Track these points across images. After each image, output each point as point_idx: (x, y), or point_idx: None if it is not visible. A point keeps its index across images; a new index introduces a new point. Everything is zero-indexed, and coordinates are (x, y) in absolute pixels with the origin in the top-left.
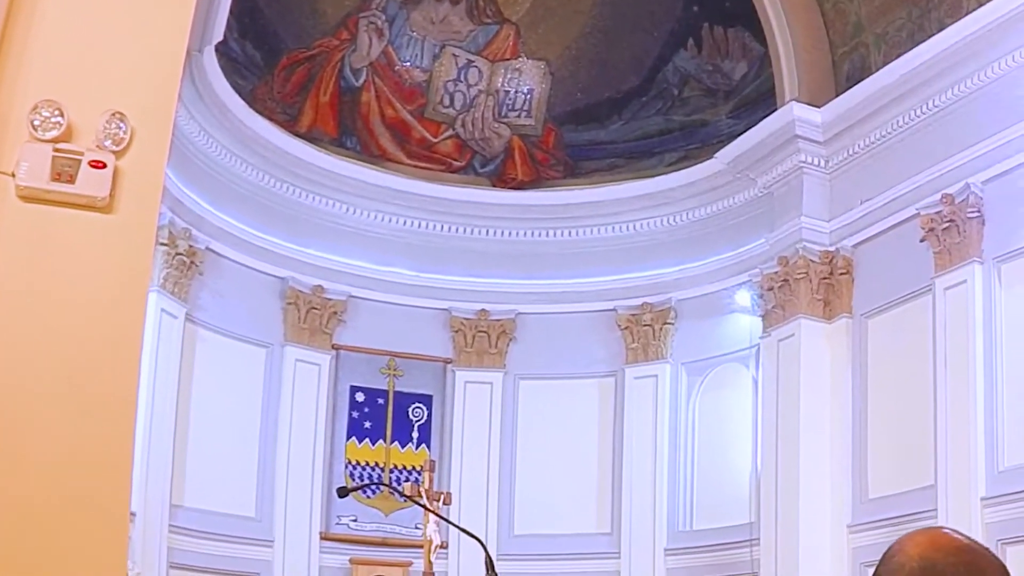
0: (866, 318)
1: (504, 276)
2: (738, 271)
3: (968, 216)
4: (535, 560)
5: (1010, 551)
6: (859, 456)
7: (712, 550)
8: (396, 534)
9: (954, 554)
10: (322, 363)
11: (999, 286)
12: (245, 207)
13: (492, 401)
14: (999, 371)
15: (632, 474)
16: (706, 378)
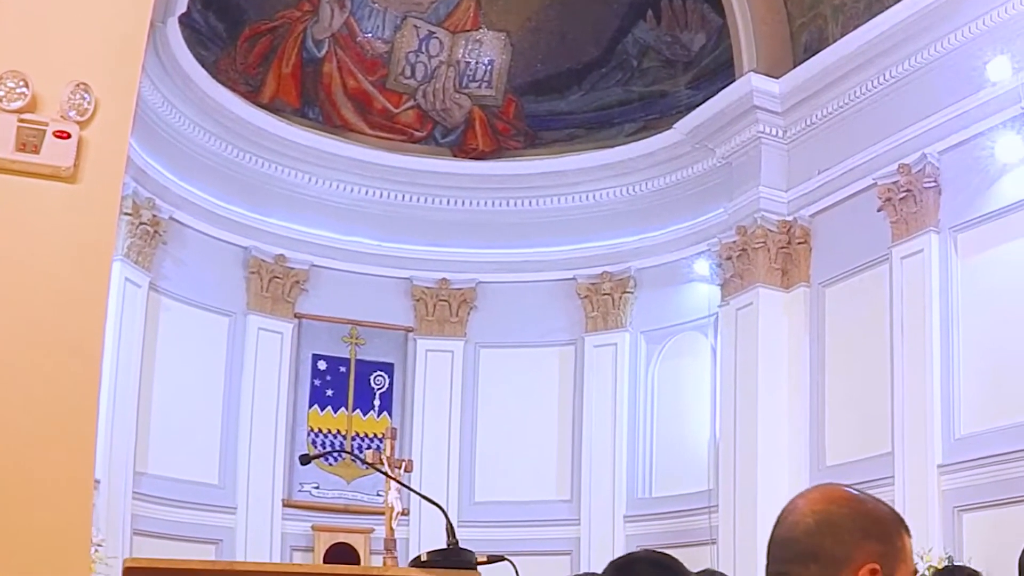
0: (823, 287)
1: (465, 245)
2: (697, 240)
3: (925, 186)
4: (496, 527)
5: (966, 518)
6: (816, 423)
7: (671, 517)
8: (358, 501)
9: (847, 504)
10: (284, 331)
11: (955, 255)
12: (208, 177)
13: (453, 369)
14: (956, 339)
15: (592, 442)
16: (665, 346)
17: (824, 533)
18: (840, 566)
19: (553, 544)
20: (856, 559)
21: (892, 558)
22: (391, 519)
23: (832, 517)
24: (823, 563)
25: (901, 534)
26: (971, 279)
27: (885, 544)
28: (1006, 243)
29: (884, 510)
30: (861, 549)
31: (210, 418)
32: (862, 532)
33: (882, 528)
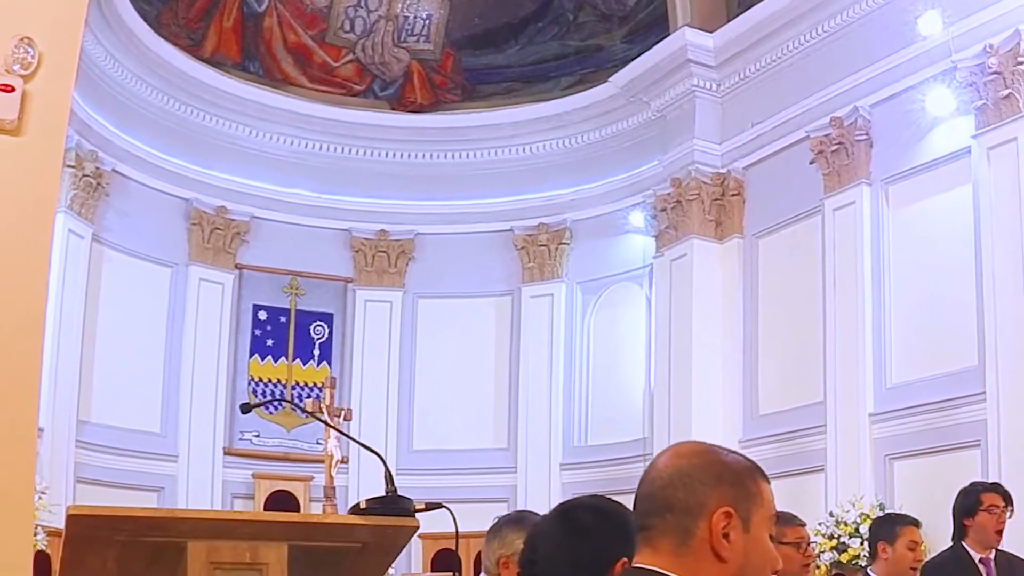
0: (757, 238)
1: (403, 197)
2: (632, 192)
3: (856, 139)
4: (433, 474)
5: (897, 465)
6: (750, 373)
7: (606, 465)
8: (298, 449)
9: (699, 456)
10: (225, 282)
11: (886, 207)
12: (150, 130)
13: (391, 319)
14: (887, 290)
15: (528, 391)
16: (600, 297)
17: (677, 485)
18: (694, 513)
19: (490, 492)
20: (709, 505)
21: (747, 501)
22: (330, 467)
23: (684, 468)
24: (678, 512)
25: (757, 480)
26: (902, 231)
27: (738, 488)
28: (936, 195)
29: (739, 459)
30: (713, 495)
31: (152, 367)
32: (714, 479)
33: (734, 474)
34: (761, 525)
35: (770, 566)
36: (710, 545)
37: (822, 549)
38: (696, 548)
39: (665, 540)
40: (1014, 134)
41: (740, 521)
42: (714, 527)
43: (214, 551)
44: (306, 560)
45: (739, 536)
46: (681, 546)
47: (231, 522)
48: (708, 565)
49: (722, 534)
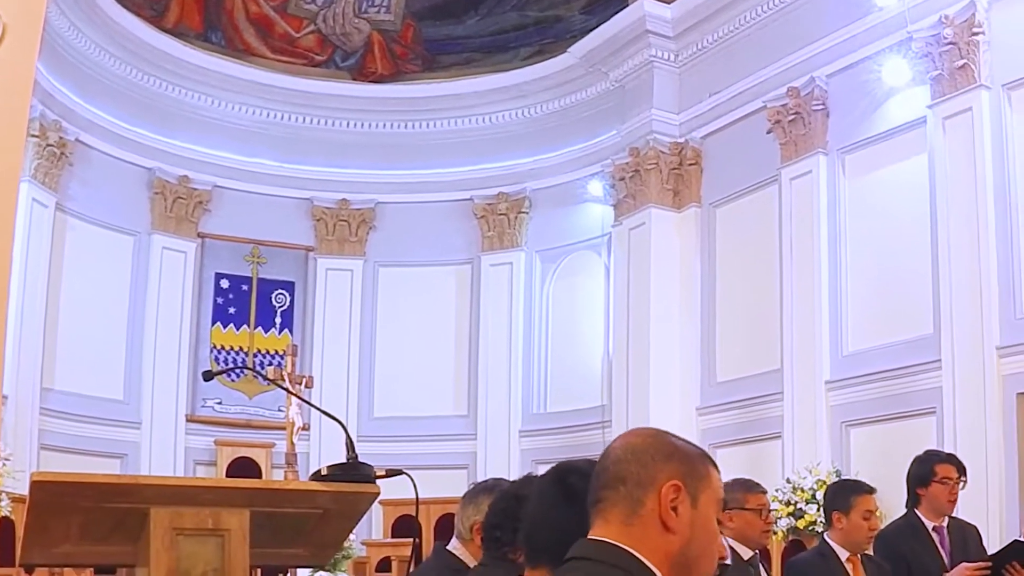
0: (714, 207)
1: (364, 167)
2: (590, 162)
3: (813, 108)
4: (394, 441)
5: (853, 432)
6: (707, 340)
7: (565, 432)
8: (260, 416)
9: (653, 436)
10: (188, 251)
11: (843, 176)
12: (114, 100)
13: (352, 288)
14: (843, 258)
15: (488, 358)
16: (559, 265)
17: (629, 460)
18: (645, 486)
19: (450, 458)
20: (659, 479)
21: (696, 480)
22: (292, 434)
23: (638, 445)
24: (630, 485)
25: (707, 464)
26: (858, 200)
27: (687, 467)
28: (892, 164)
29: (690, 444)
30: (664, 470)
31: (115, 335)
32: (664, 456)
33: (685, 454)
34: (709, 505)
35: (716, 550)
36: (658, 516)
37: (779, 515)
38: (645, 519)
39: (615, 511)
40: (969, 104)
41: (688, 496)
42: (663, 499)
43: (177, 517)
44: (268, 526)
45: (687, 510)
46: (631, 516)
47: (193, 488)
48: (656, 536)
49: (670, 507)
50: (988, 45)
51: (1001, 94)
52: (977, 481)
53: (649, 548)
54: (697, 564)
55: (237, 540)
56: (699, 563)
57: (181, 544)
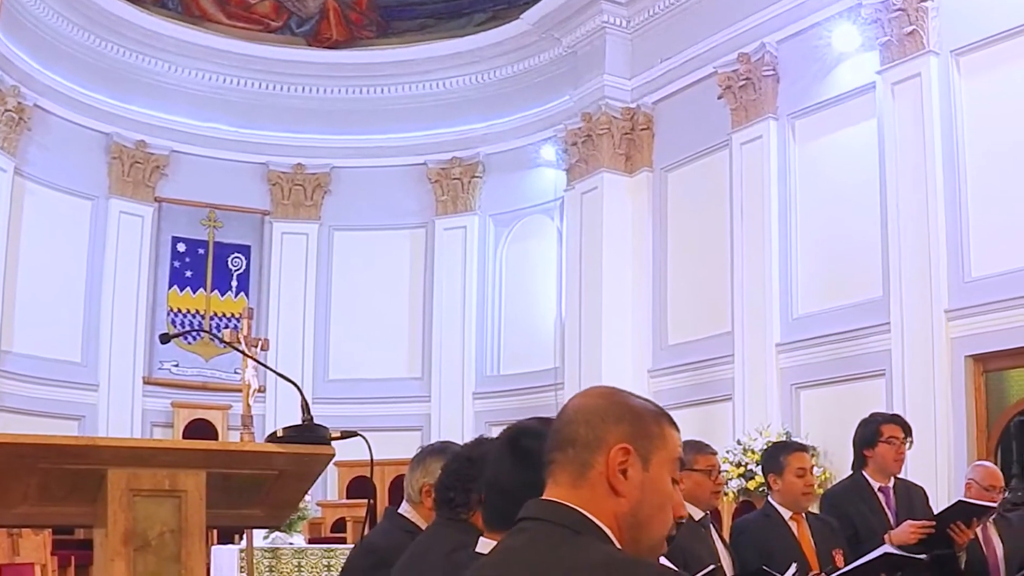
0: (666, 172)
1: (319, 132)
2: (543, 127)
3: (763, 74)
4: (349, 403)
5: (803, 395)
6: (659, 304)
7: (518, 394)
8: (216, 379)
9: (606, 397)
10: (145, 215)
11: (793, 141)
12: (72, 65)
13: (308, 251)
14: (793, 223)
15: (442, 321)
16: (512, 229)
17: (580, 421)
18: (593, 448)
19: (404, 420)
20: (608, 441)
21: (647, 441)
22: (248, 396)
23: (589, 407)
24: (579, 447)
25: (661, 423)
26: (808, 164)
27: (639, 428)
28: (841, 130)
29: (646, 403)
30: (612, 432)
31: (73, 298)
32: (614, 418)
33: (637, 415)
34: (662, 466)
35: (672, 509)
36: (607, 479)
37: (730, 477)
38: (593, 481)
39: (565, 473)
40: (917, 70)
41: (639, 459)
42: (611, 462)
43: (134, 478)
44: (224, 487)
45: (637, 473)
46: (579, 478)
47: (150, 450)
48: (604, 498)
49: (619, 469)
50: (937, 11)
51: (949, 60)
52: (925, 443)
53: (598, 509)
54: (649, 525)
55: (194, 501)
56: (651, 524)
57: (138, 505)
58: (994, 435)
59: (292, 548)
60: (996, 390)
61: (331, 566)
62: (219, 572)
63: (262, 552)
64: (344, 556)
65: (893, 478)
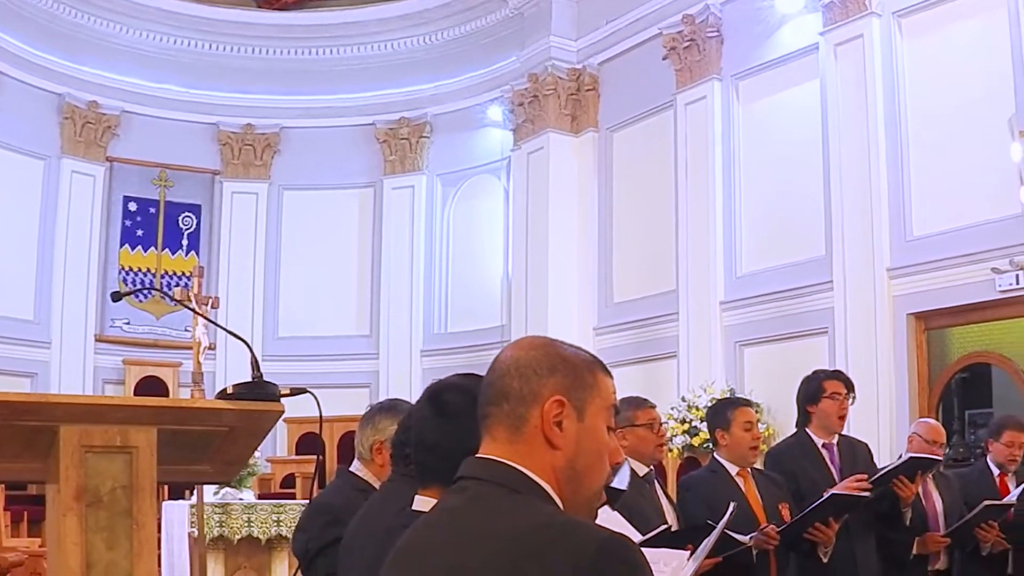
0: (611, 132)
1: (269, 92)
2: (490, 87)
3: (707, 35)
4: (298, 360)
5: (747, 352)
6: (605, 262)
7: (466, 351)
8: (167, 336)
9: (538, 348)
10: (97, 174)
11: (737, 102)
12: (24, 27)
13: (258, 210)
14: (737, 182)
15: (390, 279)
16: (460, 189)
17: (513, 374)
18: (527, 401)
19: (353, 377)
20: (542, 394)
21: (582, 392)
22: (198, 353)
23: (522, 359)
24: (513, 401)
25: (595, 372)
26: (752, 125)
27: (573, 379)
28: (785, 90)
29: (579, 352)
30: (547, 384)
31: (25, 257)
32: (548, 370)
33: (571, 366)
34: (597, 416)
35: (609, 456)
36: (542, 432)
37: (675, 433)
38: (529, 435)
39: (501, 428)
40: (860, 31)
41: (574, 410)
42: (546, 415)
43: (86, 435)
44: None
45: (572, 425)
46: (515, 433)
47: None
48: (541, 452)
49: (554, 422)
50: None
51: (891, 21)
52: (868, 400)
53: (535, 464)
54: (587, 475)
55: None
56: (588, 475)
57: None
58: (936, 392)
59: (242, 504)
60: (937, 348)
61: (280, 521)
62: (170, 527)
63: (212, 507)
64: (293, 511)
65: (837, 435)
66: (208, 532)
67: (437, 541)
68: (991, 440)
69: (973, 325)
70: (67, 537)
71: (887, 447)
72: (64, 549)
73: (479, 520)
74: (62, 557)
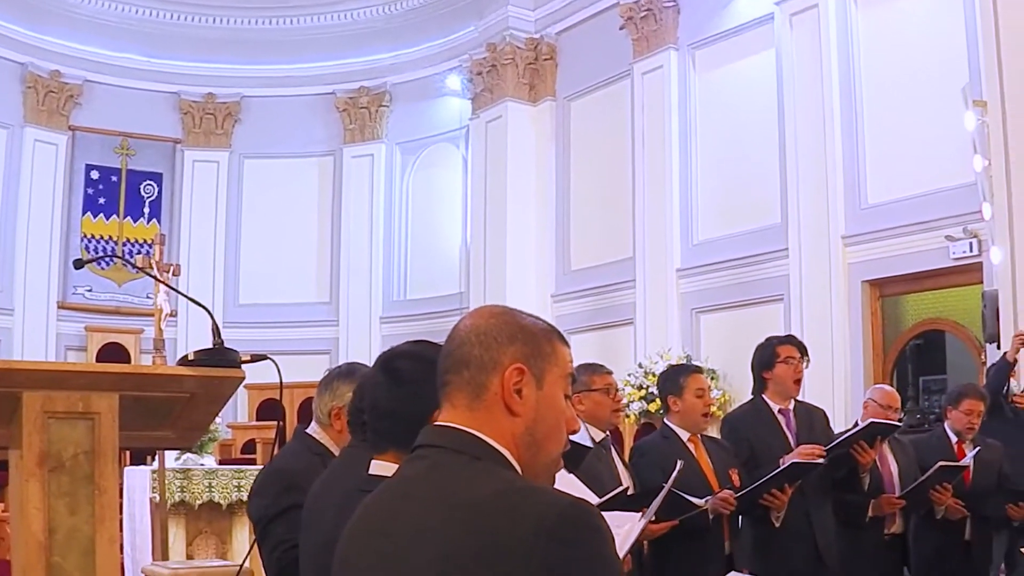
0: (569, 101)
1: (230, 62)
2: (449, 57)
3: (664, 5)
4: (259, 327)
5: (703, 319)
6: (562, 230)
7: (424, 318)
8: (129, 303)
9: (497, 317)
10: (59, 143)
11: (693, 71)
12: None
13: (219, 179)
14: (693, 151)
15: (350, 247)
16: (419, 157)
17: (473, 343)
18: (488, 369)
19: (313, 344)
20: (502, 362)
21: (541, 360)
22: (160, 320)
23: (482, 327)
24: (473, 368)
25: (553, 340)
26: (708, 94)
27: (532, 347)
28: (741, 60)
29: (537, 321)
30: (507, 352)
31: None
32: (508, 338)
33: (530, 334)
34: (555, 383)
35: (566, 424)
36: (502, 400)
37: (631, 399)
38: (489, 403)
39: (461, 395)
40: (815, 1)
41: (533, 378)
42: (506, 382)
43: (48, 401)
44: (137, 409)
45: (532, 392)
46: (475, 400)
47: (64, 373)
48: (501, 419)
49: (514, 389)
50: None
51: None
52: (823, 366)
53: (495, 431)
54: (546, 443)
55: (107, 423)
56: (547, 442)
57: (52, 427)
58: (890, 358)
59: (203, 469)
60: (892, 314)
61: (241, 486)
62: (132, 492)
63: (174, 473)
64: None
65: (793, 401)
66: (169, 497)
67: (398, 509)
68: (950, 408)
69: (927, 292)
70: (29, 502)
71: (842, 413)
72: (27, 514)
73: (440, 487)
74: (25, 522)
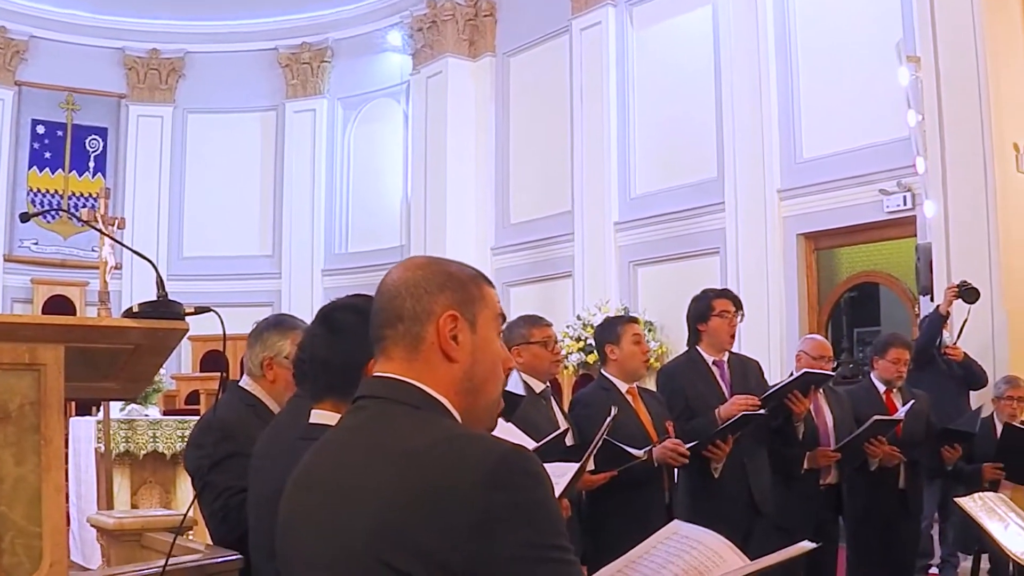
0: (508, 56)
1: (174, 18)
2: (390, 13)
3: None
4: (203, 280)
5: (641, 271)
6: (502, 184)
7: (365, 271)
8: (74, 256)
9: (423, 267)
10: (6, 98)
11: (631, 27)
12: None
13: (163, 133)
14: (631, 106)
15: (292, 201)
16: (360, 112)
17: (404, 295)
18: (421, 320)
19: (256, 296)
20: (435, 311)
21: (471, 304)
22: (105, 273)
23: (411, 279)
24: (407, 321)
25: (480, 284)
26: (646, 50)
27: (462, 293)
28: (677, 16)
29: (463, 267)
30: (439, 301)
31: None
32: (438, 287)
33: (458, 281)
34: (488, 325)
35: (501, 364)
36: (439, 348)
37: (570, 351)
38: (426, 352)
39: (397, 348)
40: None
41: (467, 323)
42: (441, 330)
43: None
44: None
45: (467, 337)
46: (413, 351)
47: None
48: (439, 367)
49: (450, 336)
50: None
51: None
52: (758, 319)
53: (434, 379)
54: (484, 386)
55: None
56: (487, 384)
57: None
58: (825, 311)
59: (147, 420)
60: (827, 267)
61: (185, 437)
62: (77, 443)
63: (118, 423)
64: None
65: (727, 352)
66: (114, 447)
67: (339, 461)
68: (877, 357)
69: (861, 245)
70: None
71: (777, 365)
72: None
73: (380, 437)
74: None
